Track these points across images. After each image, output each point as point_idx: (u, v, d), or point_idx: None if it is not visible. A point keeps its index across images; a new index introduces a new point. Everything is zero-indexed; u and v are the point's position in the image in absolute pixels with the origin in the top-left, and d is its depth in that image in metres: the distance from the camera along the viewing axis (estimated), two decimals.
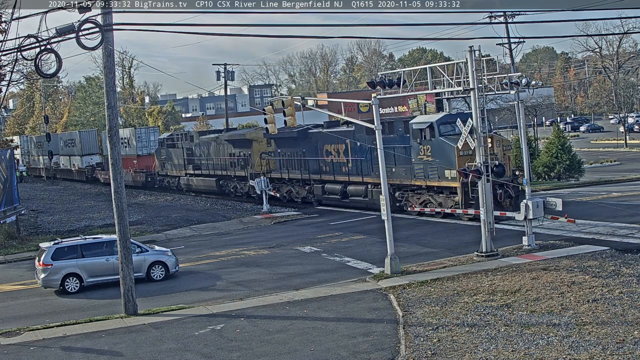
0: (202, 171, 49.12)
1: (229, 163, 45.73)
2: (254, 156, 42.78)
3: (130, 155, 60.79)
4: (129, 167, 58.96)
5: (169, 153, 53.63)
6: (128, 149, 60.94)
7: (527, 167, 24.42)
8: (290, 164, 40.46)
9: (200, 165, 49.62)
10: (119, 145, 19.80)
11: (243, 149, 44.00)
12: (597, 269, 19.76)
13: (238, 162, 44.65)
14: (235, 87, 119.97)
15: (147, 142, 59.50)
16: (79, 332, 18.13)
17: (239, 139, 44.35)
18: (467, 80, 23.22)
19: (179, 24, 33.27)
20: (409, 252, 24.87)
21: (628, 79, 62.81)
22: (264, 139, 42.29)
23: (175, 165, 52.96)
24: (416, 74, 26.11)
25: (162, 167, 55.31)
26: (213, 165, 47.71)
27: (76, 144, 70.96)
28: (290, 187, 40.88)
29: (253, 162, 42.73)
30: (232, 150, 45.33)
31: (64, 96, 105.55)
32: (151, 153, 58.68)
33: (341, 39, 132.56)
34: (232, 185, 45.79)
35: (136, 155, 59.67)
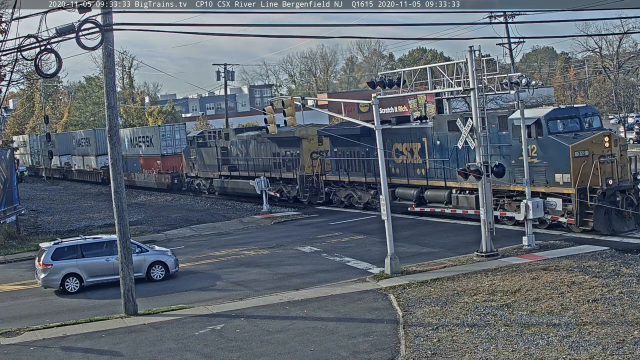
0: (240, 172, 45.09)
1: (272, 164, 41.94)
2: (303, 156, 39.11)
3: (153, 155, 56.56)
4: (152, 168, 55.58)
5: (200, 153, 49.39)
6: (150, 148, 56.77)
7: (527, 167, 24.40)
8: (350, 165, 36.29)
9: (237, 166, 45.73)
10: (119, 145, 19.76)
11: (290, 148, 40.18)
12: (597, 269, 19.76)
13: (284, 162, 40.93)
14: (235, 87, 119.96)
15: (173, 141, 55.03)
16: (79, 332, 18.13)
17: (286, 137, 39.84)
18: (467, 80, 23.22)
19: (179, 24, 33.34)
20: (409, 252, 24.86)
21: (628, 79, 62.82)
22: (315, 137, 38.99)
23: (207, 166, 48.85)
24: (416, 74, 26.12)
25: (191, 168, 50.94)
26: (254, 166, 43.69)
27: (91, 143, 67.24)
28: (351, 191, 36.65)
29: (303, 163, 39.14)
30: (276, 149, 41.46)
31: (64, 96, 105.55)
32: (177, 153, 54.62)
33: (341, 39, 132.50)
34: (276, 188, 41.53)
35: (160, 155, 54.97)
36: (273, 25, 32.09)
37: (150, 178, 55.96)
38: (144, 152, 57.94)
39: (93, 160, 66.63)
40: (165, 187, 53.90)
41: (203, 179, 49.94)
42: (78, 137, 71.87)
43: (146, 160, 57.80)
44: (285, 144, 40.58)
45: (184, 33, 46.65)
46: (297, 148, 39.74)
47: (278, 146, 41.31)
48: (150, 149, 56.60)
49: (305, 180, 39.16)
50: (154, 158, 56.11)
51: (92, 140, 66.69)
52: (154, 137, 55.77)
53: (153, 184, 55.04)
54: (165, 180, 53.72)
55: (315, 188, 38.97)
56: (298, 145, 39.62)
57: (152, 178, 55.77)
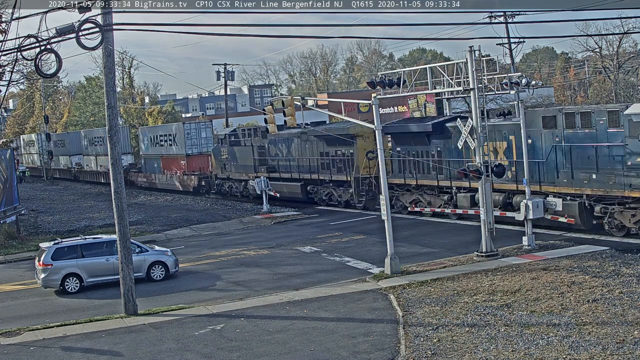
0: (281, 174, 41.25)
1: (320, 164, 38.20)
2: (358, 156, 35.12)
3: (176, 155, 52.42)
4: (174, 169, 51.67)
5: (233, 152, 45.40)
6: (173, 147, 52.79)
7: (527, 167, 24.40)
8: (417, 167, 32.15)
9: (277, 167, 41.99)
10: (119, 145, 19.78)
11: (343, 147, 36.32)
12: (597, 269, 19.76)
13: (334, 163, 37.18)
14: (235, 87, 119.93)
15: (198, 140, 50.99)
16: (79, 332, 18.13)
17: (338, 135, 35.83)
18: (467, 80, 23.22)
19: (179, 24, 33.44)
20: (409, 252, 24.86)
21: (628, 79, 62.77)
22: (371, 134, 33.13)
23: (241, 167, 44.77)
24: (416, 74, 26.11)
25: (221, 169, 46.69)
26: (297, 167, 39.89)
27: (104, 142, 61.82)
28: (419, 195, 32.07)
29: (357, 164, 35.22)
30: (325, 148, 37.57)
31: (64, 96, 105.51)
32: (203, 152, 50.96)
33: (341, 39, 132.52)
34: (325, 191, 37.89)
35: (184, 155, 51.02)
36: (273, 25, 32.12)
37: (173, 180, 52.13)
38: (166, 152, 54.41)
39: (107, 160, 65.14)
40: (191, 189, 49.91)
41: (236, 181, 46.07)
42: (91, 136, 68.29)
43: (168, 160, 54.19)
44: (335, 142, 36.52)
45: (184, 33, 46.67)
46: (351, 147, 35.75)
47: (327, 145, 37.38)
48: (173, 149, 52.78)
49: (361, 183, 35.20)
50: (177, 158, 52.27)
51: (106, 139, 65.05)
52: (178, 136, 51.60)
53: (176, 186, 50.94)
54: (191, 182, 49.74)
55: (373, 192, 34.66)
56: (351, 144, 35.56)
57: (175, 180, 51.95)
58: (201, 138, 51.13)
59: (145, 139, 57.90)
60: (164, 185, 54.15)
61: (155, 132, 56.65)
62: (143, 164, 59.67)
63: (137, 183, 58.60)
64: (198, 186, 49.00)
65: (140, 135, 60.24)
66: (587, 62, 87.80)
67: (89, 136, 68.61)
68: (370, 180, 34.70)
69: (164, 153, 54.82)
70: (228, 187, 47.10)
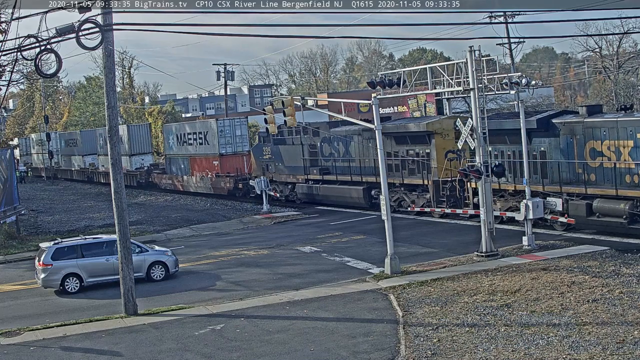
0: (337, 176, 36.99)
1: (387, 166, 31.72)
2: (436, 156, 31.10)
3: (208, 154, 47.90)
4: (206, 171, 47.28)
5: (277, 152, 41.34)
6: (205, 146, 48.16)
7: (527, 166, 24.41)
8: (515, 169, 27.84)
9: (331, 169, 37.72)
10: (119, 145, 19.78)
11: (417, 146, 32.20)
12: (597, 269, 19.76)
13: (405, 164, 32.67)
14: (235, 87, 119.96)
15: (233, 138, 46.31)
16: (79, 332, 18.13)
17: (410, 132, 32.00)
18: (467, 80, 23.23)
19: (179, 24, 33.37)
20: (409, 252, 24.86)
21: (628, 79, 62.74)
22: (451, 132, 30.30)
23: (287, 169, 40.76)
24: (416, 74, 26.12)
25: (263, 171, 41.96)
26: (359, 169, 35.40)
27: (124, 141, 57.86)
28: (516, 202, 27.11)
29: (436, 164, 31.00)
30: (394, 147, 33.12)
31: (64, 96, 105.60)
32: (238, 152, 46.75)
33: (341, 39, 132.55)
34: (393, 196, 33.05)
35: (218, 154, 46.57)
36: (273, 25, 31.98)
37: (205, 182, 47.62)
38: (196, 152, 49.79)
39: (126, 160, 58.07)
40: (226, 192, 45.38)
41: (281, 183, 41.84)
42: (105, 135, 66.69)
43: (198, 160, 49.64)
44: (407, 140, 32.33)
45: (184, 33, 46.42)
46: (426, 145, 31.60)
47: (396, 143, 32.95)
48: (204, 148, 48.11)
49: (441, 188, 30.73)
50: (209, 158, 47.77)
51: (124, 137, 58.21)
52: (210, 134, 46.70)
53: (207, 189, 46.33)
54: (225, 184, 45.15)
55: (455, 197, 30.25)
56: (428, 142, 31.44)
57: (206, 182, 47.46)
58: (236, 136, 46.35)
59: (171, 137, 53.43)
60: (193, 187, 49.77)
61: (183, 130, 52.07)
62: (168, 164, 54.77)
63: (160, 185, 54.38)
64: (234, 189, 44.50)
65: (164, 133, 55.71)
66: (587, 62, 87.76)
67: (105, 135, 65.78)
68: (453, 184, 30.07)
69: (193, 153, 50.41)
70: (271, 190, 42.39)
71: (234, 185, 44.31)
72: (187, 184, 50.57)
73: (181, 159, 52.22)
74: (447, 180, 30.40)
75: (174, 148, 53.34)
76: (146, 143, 58.85)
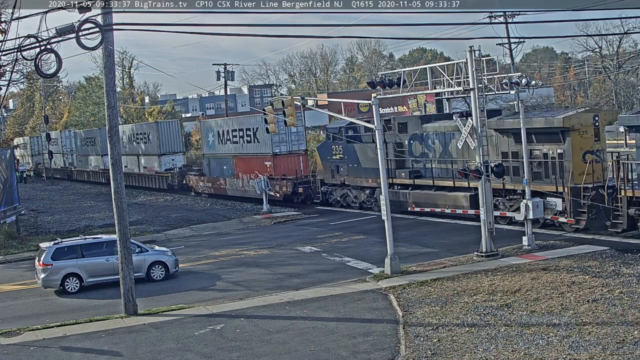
0: (434, 180, 30.87)
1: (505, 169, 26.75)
2: (572, 157, 25.64)
3: (258, 154, 42.59)
4: (255, 172, 41.61)
5: (351, 151, 35.67)
6: (255, 144, 42.94)
7: (527, 167, 24.41)
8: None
9: (423, 171, 31.92)
10: (119, 145, 19.75)
11: (545, 145, 26.64)
12: (597, 269, 19.76)
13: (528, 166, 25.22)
14: (235, 87, 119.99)
15: (288, 135, 41.47)
16: (79, 332, 18.13)
17: (539, 129, 26.54)
18: (467, 80, 23.23)
19: (179, 24, 33.43)
20: (409, 252, 24.86)
21: (628, 79, 62.78)
22: (591, 128, 25.75)
23: (364, 171, 34.85)
24: (416, 74, 26.12)
25: (332, 173, 37.21)
26: None
27: (151, 139, 54.11)
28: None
29: (570, 168, 25.52)
30: (512, 146, 27.71)
31: (64, 96, 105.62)
32: (294, 151, 41.60)
33: (341, 39, 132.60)
34: (513, 205, 27.34)
35: (271, 154, 41.38)
36: (273, 25, 31.92)
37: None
38: (242, 151, 44.69)
39: (155, 161, 53.87)
40: (281, 197, 40.25)
41: (355, 188, 36.25)
42: (130, 133, 58.54)
43: (246, 161, 44.20)
44: (531, 138, 26.36)
45: (184, 33, 46.45)
46: (559, 144, 26.20)
47: (515, 141, 27.33)
48: (254, 146, 43.07)
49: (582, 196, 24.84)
50: (259, 158, 42.47)
51: (152, 136, 53.61)
52: (261, 130, 40.06)
53: (257, 193, 40.59)
54: (283, 188, 39.98)
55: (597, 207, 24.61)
56: (561, 140, 26.10)
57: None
58: (291, 133, 41.25)
59: (210, 134, 48.08)
60: (238, 192, 44.32)
61: (226, 127, 46.11)
62: (206, 165, 49.29)
63: (196, 189, 49.34)
64: (292, 193, 39.82)
65: (202, 130, 50.38)
66: (587, 62, 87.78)
67: (128, 132, 58.89)
68: (599, 192, 24.48)
69: (239, 152, 44.91)
70: (341, 196, 37.34)
71: (293, 189, 39.52)
72: (231, 187, 45.19)
73: (224, 159, 46.68)
74: (589, 187, 24.78)
75: (214, 147, 47.80)
76: (177, 141, 54.13)
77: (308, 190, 39.61)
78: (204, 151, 49.93)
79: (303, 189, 39.52)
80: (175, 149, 54.02)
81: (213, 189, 47.20)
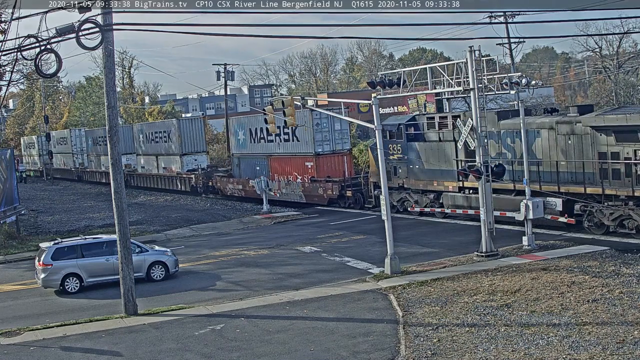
0: (515, 184, 27.55)
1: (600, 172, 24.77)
2: None
3: (297, 154, 39.46)
4: (294, 174, 39.33)
5: (412, 150, 32.17)
6: (293, 143, 39.72)
7: (527, 167, 24.40)
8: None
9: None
10: (119, 145, 19.74)
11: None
12: (597, 269, 19.76)
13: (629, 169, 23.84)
14: (235, 87, 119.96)
15: (331, 132, 38.05)
16: (79, 332, 18.13)
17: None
18: (467, 80, 23.23)
19: (179, 24, 33.41)
20: (409, 252, 24.86)
21: (628, 79, 62.74)
22: None
23: (429, 173, 31.42)
24: (416, 74, 26.12)
25: (389, 175, 32.19)
26: (550, 175, 26.42)
27: (172, 138, 50.97)
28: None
29: None
30: (610, 146, 24.60)
31: (64, 96, 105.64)
32: (338, 150, 38.55)
33: (341, 39, 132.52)
34: (614, 214, 24.17)
35: (313, 153, 38.12)
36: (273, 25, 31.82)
37: (293, 188, 39.61)
38: (278, 150, 41.49)
39: (176, 161, 50.97)
40: (326, 201, 37.57)
41: (415, 192, 32.49)
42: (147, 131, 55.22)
43: (282, 161, 41.17)
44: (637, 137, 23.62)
45: (184, 33, 46.29)
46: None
47: (617, 141, 24.34)
48: (292, 146, 39.74)
49: None
50: (299, 158, 39.36)
51: (173, 134, 50.58)
52: (300, 128, 37.62)
53: (297, 197, 38.12)
54: (326, 191, 37.18)
55: None
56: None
57: (295, 188, 39.46)
58: (334, 131, 38.12)
59: (241, 132, 44.92)
60: (275, 194, 41.39)
61: (260, 123, 41.40)
62: (236, 165, 46.20)
63: (224, 191, 46.10)
64: (338, 197, 37.05)
65: (232, 127, 47.19)
66: (587, 62, 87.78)
67: (145, 131, 55.82)
68: None
69: (275, 152, 41.75)
70: (398, 201, 33.48)
71: (340, 192, 36.77)
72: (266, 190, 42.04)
73: (256, 159, 43.47)
74: None
75: (245, 146, 44.45)
76: (200, 140, 50.95)
77: (357, 194, 36.39)
78: (233, 150, 47.07)
79: (352, 192, 36.46)
80: (198, 149, 51.07)
81: (244, 191, 44.09)
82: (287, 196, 40.22)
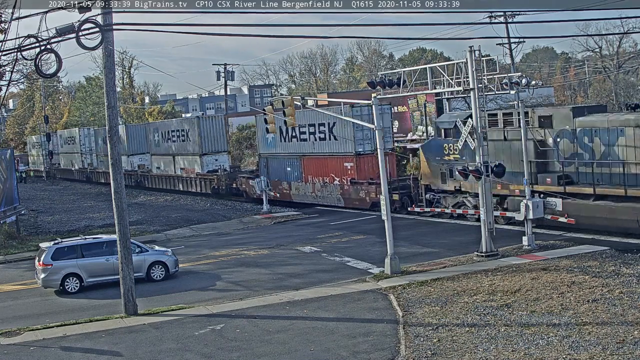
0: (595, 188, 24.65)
1: None
2: None
3: (335, 154, 36.72)
4: (330, 175, 36.90)
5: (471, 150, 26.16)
6: (330, 142, 36.95)
7: (527, 167, 24.40)
8: None
9: (574, 176, 25.91)
10: (119, 145, 19.75)
11: None
12: (597, 269, 19.76)
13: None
14: (235, 87, 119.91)
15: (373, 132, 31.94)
16: (79, 332, 18.13)
17: None
18: (467, 80, 23.23)
19: (179, 24, 33.41)
20: (409, 252, 24.86)
21: (628, 79, 62.80)
22: None
23: None
24: (416, 74, 26.12)
25: (442, 177, 30.80)
26: (635, 177, 23.83)
27: (190, 137, 48.60)
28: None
29: None
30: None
31: (64, 96, 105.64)
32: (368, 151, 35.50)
33: (341, 39, 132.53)
34: None
35: (354, 153, 35.53)
36: (273, 25, 31.76)
37: (330, 191, 36.86)
38: (313, 150, 38.60)
39: (195, 161, 48.47)
40: (368, 205, 34.69)
41: (475, 195, 28.58)
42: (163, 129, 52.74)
43: (318, 161, 38.28)
44: None
45: (184, 33, 46.25)
46: None
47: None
48: (329, 145, 36.96)
49: None
50: (336, 158, 36.62)
51: (192, 133, 48.05)
52: (339, 125, 34.89)
53: (335, 200, 35.74)
54: (369, 195, 34.51)
55: None
56: None
57: (333, 191, 36.84)
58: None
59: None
60: (310, 198, 38.79)
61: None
62: (264, 166, 43.37)
63: (250, 194, 42.94)
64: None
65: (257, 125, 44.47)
66: (587, 62, 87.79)
67: (161, 129, 53.42)
68: None
69: (309, 151, 38.81)
70: (454, 205, 30.91)
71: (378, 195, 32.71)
72: (298, 192, 39.63)
73: (288, 159, 40.76)
74: None
75: (274, 145, 41.67)
76: (221, 139, 48.36)
77: (404, 197, 33.53)
78: (260, 150, 44.17)
79: (399, 195, 33.59)
80: (219, 148, 48.37)
81: (280, 195, 41.42)
82: (325, 199, 37.70)
